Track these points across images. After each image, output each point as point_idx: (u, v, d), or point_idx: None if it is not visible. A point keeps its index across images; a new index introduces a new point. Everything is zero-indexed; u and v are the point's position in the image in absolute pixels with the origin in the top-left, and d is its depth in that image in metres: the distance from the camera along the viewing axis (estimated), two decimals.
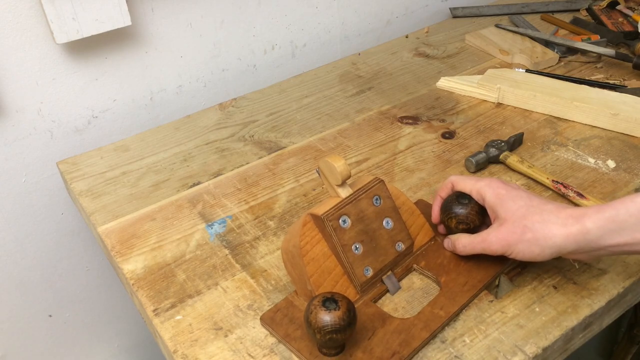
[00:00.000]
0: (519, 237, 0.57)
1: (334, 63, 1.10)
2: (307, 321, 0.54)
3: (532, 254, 0.57)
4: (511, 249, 0.58)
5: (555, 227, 0.56)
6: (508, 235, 0.58)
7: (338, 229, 0.61)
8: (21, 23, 0.82)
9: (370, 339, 0.58)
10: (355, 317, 0.54)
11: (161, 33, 0.95)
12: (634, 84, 0.96)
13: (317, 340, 0.54)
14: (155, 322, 0.63)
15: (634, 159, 0.81)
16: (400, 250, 0.65)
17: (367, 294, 0.63)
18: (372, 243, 0.63)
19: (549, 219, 0.56)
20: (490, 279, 0.63)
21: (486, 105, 0.95)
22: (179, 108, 1.04)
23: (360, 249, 0.62)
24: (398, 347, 0.57)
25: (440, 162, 0.83)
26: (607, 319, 0.65)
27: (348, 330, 0.53)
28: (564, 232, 0.55)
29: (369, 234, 0.63)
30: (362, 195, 0.63)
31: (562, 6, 1.23)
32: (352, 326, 0.53)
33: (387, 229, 0.64)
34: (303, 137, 0.91)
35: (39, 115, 0.90)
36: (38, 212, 0.98)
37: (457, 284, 0.63)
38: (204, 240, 0.73)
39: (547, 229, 0.56)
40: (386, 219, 0.64)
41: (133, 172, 0.86)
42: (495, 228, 0.60)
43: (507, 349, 0.58)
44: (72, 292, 1.10)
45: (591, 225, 0.54)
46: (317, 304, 0.53)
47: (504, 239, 0.58)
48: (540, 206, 0.58)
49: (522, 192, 0.61)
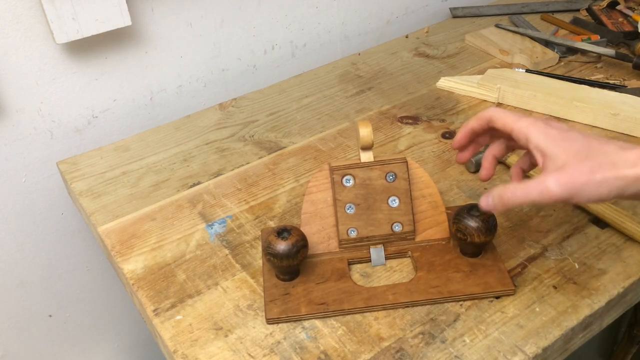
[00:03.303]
0: (587, 178, 0.51)
1: (334, 63, 1.10)
2: (264, 249, 0.62)
3: (599, 196, 0.52)
4: (577, 192, 0.52)
5: (624, 170, 0.50)
6: (574, 176, 0.52)
7: (338, 183, 0.66)
8: (21, 23, 0.82)
9: (317, 284, 0.64)
10: (303, 247, 0.61)
11: (161, 33, 0.95)
12: (634, 84, 0.96)
13: (273, 265, 0.62)
14: (155, 322, 0.63)
15: None
16: (397, 231, 0.66)
17: (348, 252, 0.67)
18: (368, 212, 0.66)
19: (617, 161, 0.51)
20: (462, 296, 0.62)
21: (486, 105, 0.95)
22: (179, 108, 1.04)
23: (353, 211, 0.66)
24: (331, 301, 0.62)
25: (440, 162, 0.83)
26: (607, 319, 0.65)
27: (296, 258, 0.61)
28: (634, 174, 0.50)
29: (367, 202, 0.66)
30: (377, 167, 0.66)
31: (562, 6, 1.24)
32: (299, 254, 0.61)
33: (391, 206, 0.66)
34: (303, 137, 0.91)
35: (39, 115, 0.90)
36: (38, 212, 0.98)
37: (427, 283, 0.63)
38: (204, 240, 0.73)
39: (616, 172, 0.51)
40: (393, 197, 0.66)
41: (133, 172, 0.86)
42: (555, 170, 0.53)
43: (507, 349, 0.58)
44: (72, 292, 1.10)
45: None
46: (272, 232, 0.62)
47: (570, 181, 0.52)
48: (602, 145, 0.53)
49: (574, 132, 0.55)
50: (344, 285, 0.64)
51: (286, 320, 0.62)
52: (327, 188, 0.67)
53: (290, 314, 0.61)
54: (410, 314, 0.62)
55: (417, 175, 0.68)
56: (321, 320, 0.62)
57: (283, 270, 0.64)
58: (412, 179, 0.68)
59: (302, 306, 0.62)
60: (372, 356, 0.58)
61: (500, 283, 0.63)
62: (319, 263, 0.67)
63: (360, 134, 0.64)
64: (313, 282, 0.65)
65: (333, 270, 0.66)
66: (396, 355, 0.58)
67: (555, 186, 0.52)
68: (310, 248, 0.66)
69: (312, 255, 0.67)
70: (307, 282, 0.65)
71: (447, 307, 0.62)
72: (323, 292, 0.63)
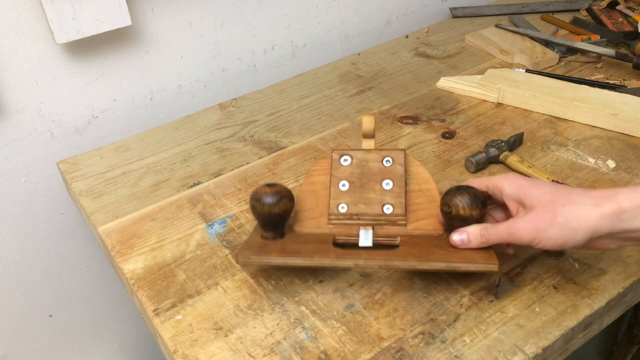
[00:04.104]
0: (549, 221, 0.53)
1: (334, 63, 1.10)
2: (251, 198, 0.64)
3: (563, 239, 0.53)
4: (541, 235, 0.54)
5: (588, 208, 0.52)
6: (537, 220, 0.54)
7: (336, 161, 0.69)
8: (21, 23, 0.82)
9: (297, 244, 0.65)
10: (286, 198, 0.63)
11: (161, 33, 0.95)
12: (634, 84, 0.97)
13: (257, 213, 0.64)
14: (155, 322, 0.63)
15: (634, 159, 0.81)
16: (388, 213, 0.66)
17: (337, 229, 0.67)
18: (361, 190, 0.68)
19: (580, 200, 0.53)
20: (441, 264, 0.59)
21: (486, 105, 0.95)
22: (179, 108, 1.04)
23: (346, 187, 0.68)
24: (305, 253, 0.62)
25: (440, 162, 0.83)
26: (607, 319, 0.65)
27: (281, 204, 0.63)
28: (598, 213, 0.52)
29: (361, 181, 0.68)
30: (375, 151, 0.69)
31: (562, 6, 1.24)
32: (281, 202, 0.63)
33: (384, 188, 0.67)
34: (303, 137, 0.91)
35: (39, 115, 0.90)
36: (38, 212, 0.98)
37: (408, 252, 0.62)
38: (204, 240, 0.73)
39: (579, 211, 0.52)
40: (388, 180, 0.68)
41: (133, 172, 0.86)
42: (522, 215, 0.56)
43: (507, 349, 0.58)
44: (72, 292, 1.10)
45: (627, 205, 0.51)
46: (261, 185, 0.65)
47: (533, 224, 0.55)
48: (567, 189, 0.55)
49: (543, 181, 0.58)
50: (323, 246, 0.64)
51: (256, 262, 0.62)
52: (327, 173, 0.69)
53: (262, 255, 0.62)
54: (410, 313, 0.62)
55: (418, 172, 0.69)
56: (321, 320, 0.62)
57: (265, 220, 0.64)
58: (412, 174, 0.69)
59: (274, 253, 0.62)
60: (372, 356, 0.58)
61: (484, 259, 0.59)
62: (306, 234, 0.67)
63: (363, 122, 0.69)
64: (293, 242, 0.65)
65: (317, 238, 0.66)
66: (396, 355, 0.58)
67: (522, 229, 0.56)
68: (301, 222, 0.68)
69: (301, 231, 0.68)
70: (287, 242, 0.65)
71: (447, 307, 0.62)
72: (299, 248, 0.64)
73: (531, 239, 0.55)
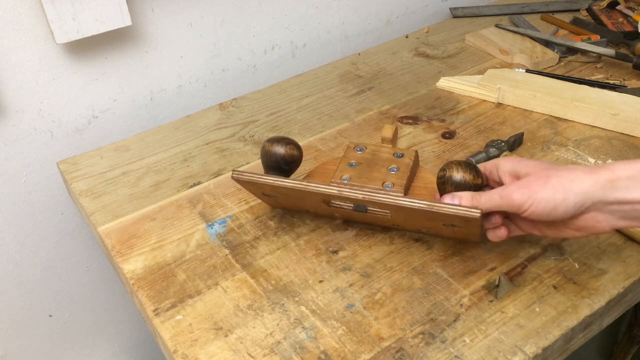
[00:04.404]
0: (542, 184, 0.54)
1: (334, 63, 1.10)
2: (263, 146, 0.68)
3: (555, 202, 0.53)
4: (532, 197, 0.54)
5: (582, 174, 0.53)
6: (530, 182, 0.55)
7: (350, 149, 0.74)
8: (21, 23, 0.82)
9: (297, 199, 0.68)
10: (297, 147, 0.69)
11: (161, 33, 0.95)
12: (634, 84, 0.96)
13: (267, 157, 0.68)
14: (155, 322, 0.63)
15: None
16: (387, 189, 0.68)
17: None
18: (367, 169, 0.71)
19: (575, 168, 0.54)
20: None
21: (486, 105, 0.95)
22: (179, 108, 1.04)
23: (354, 166, 0.72)
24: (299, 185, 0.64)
25: (441, 162, 0.83)
26: (607, 319, 0.65)
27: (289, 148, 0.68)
28: (592, 178, 0.52)
29: (370, 163, 0.72)
30: (388, 147, 0.74)
31: (562, 6, 1.24)
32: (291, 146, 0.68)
33: (390, 172, 0.70)
34: (303, 137, 0.91)
35: (39, 115, 0.90)
36: (38, 212, 0.98)
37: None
38: (204, 240, 0.73)
39: (573, 174, 0.53)
40: (394, 166, 0.71)
41: (133, 172, 0.86)
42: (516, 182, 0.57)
43: (507, 349, 0.58)
44: (72, 292, 1.10)
45: (621, 173, 0.51)
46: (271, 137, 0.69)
47: (526, 186, 0.55)
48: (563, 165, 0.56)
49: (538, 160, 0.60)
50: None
51: (248, 178, 0.65)
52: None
53: (254, 173, 0.65)
54: (410, 313, 0.62)
55: (426, 175, 0.72)
56: (321, 320, 0.62)
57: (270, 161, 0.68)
58: (419, 177, 0.72)
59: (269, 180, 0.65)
60: (372, 356, 0.58)
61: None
62: None
63: (384, 128, 0.76)
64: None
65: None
66: (396, 355, 0.58)
67: (515, 191, 0.55)
68: None
69: None
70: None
71: (447, 307, 0.62)
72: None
73: (523, 201, 0.55)
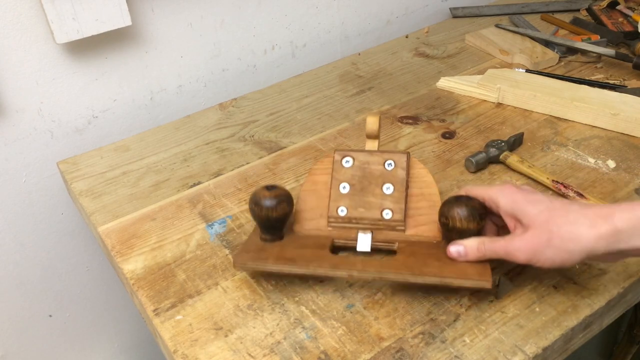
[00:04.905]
0: (545, 243, 0.54)
1: (334, 63, 1.10)
2: (250, 200, 0.64)
3: (561, 260, 0.54)
4: (537, 256, 0.55)
5: (584, 228, 0.52)
6: (534, 241, 0.55)
7: (338, 162, 0.69)
8: (21, 23, 0.82)
9: (295, 248, 0.65)
10: (285, 202, 0.64)
11: (161, 33, 0.95)
12: (634, 84, 0.97)
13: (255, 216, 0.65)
14: (155, 322, 0.63)
15: (634, 159, 0.81)
16: (387, 218, 0.66)
17: (337, 231, 0.67)
18: (361, 193, 0.68)
19: (576, 220, 0.53)
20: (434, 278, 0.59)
21: (486, 105, 0.95)
22: (179, 108, 1.04)
23: (347, 190, 0.68)
24: (299, 260, 0.62)
25: (440, 162, 0.83)
26: (607, 319, 0.65)
27: (280, 208, 0.63)
28: (594, 234, 0.52)
29: (362, 184, 0.68)
30: (377, 153, 0.69)
31: (562, 6, 1.24)
32: (280, 206, 0.63)
33: (384, 193, 0.67)
34: (303, 137, 0.91)
35: (39, 115, 0.90)
36: (38, 212, 0.98)
37: (403, 263, 0.62)
38: (204, 240, 0.73)
39: (575, 232, 0.52)
40: (389, 184, 0.67)
41: (133, 172, 0.86)
42: (519, 235, 0.57)
43: (507, 349, 0.58)
44: (72, 292, 1.10)
45: (622, 225, 0.51)
46: (260, 187, 0.65)
47: (530, 246, 0.55)
48: (563, 207, 0.55)
49: (539, 195, 0.57)
50: (320, 252, 0.64)
51: (252, 268, 0.63)
52: (329, 172, 0.69)
53: (258, 262, 0.63)
54: (410, 313, 0.62)
55: (421, 174, 0.68)
56: (321, 320, 0.62)
57: (264, 223, 0.65)
58: (415, 176, 0.68)
59: (271, 259, 0.63)
60: (372, 356, 0.58)
61: (478, 275, 0.59)
62: (305, 236, 0.68)
63: (367, 122, 0.68)
64: (291, 246, 0.66)
65: (315, 242, 0.66)
66: (396, 355, 0.58)
67: (519, 250, 0.56)
68: (301, 223, 0.68)
69: (301, 232, 0.68)
70: (285, 246, 0.66)
71: (447, 307, 0.62)
72: (296, 254, 0.64)
73: (528, 259, 0.56)
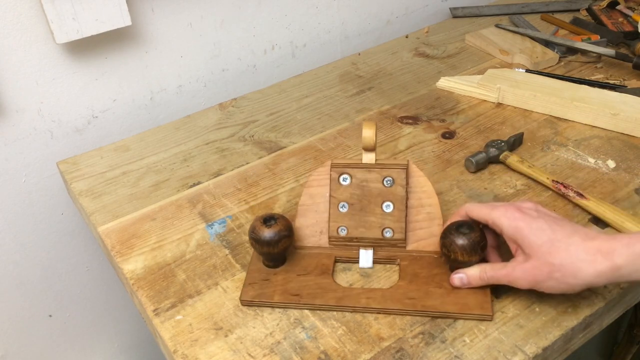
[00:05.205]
0: (547, 275, 0.56)
1: (334, 63, 1.10)
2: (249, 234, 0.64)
3: (562, 290, 0.56)
4: (538, 285, 0.57)
5: (584, 265, 0.54)
6: (535, 272, 0.57)
7: (335, 180, 0.67)
8: (21, 23, 0.82)
9: (298, 275, 0.65)
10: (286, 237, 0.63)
11: (161, 33, 0.95)
12: (634, 84, 0.96)
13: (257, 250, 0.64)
14: (155, 322, 0.63)
15: (634, 159, 0.81)
16: (388, 237, 0.66)
17: (338, 249, 0.67)
18: (361, 213, 0.66)
19: (577, 255, 0.54)
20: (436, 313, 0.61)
21: (486, 105, 0.95)
22: (179, 108, 1.04)
23: (346, 209, 0.67)
24: (305, 294, 0.63)
25: (440, 162, 0.83)
26: (607, 319, 0.65)
27: (281, 244, 0.63)
28: (594, 271, 0.54)
29: (362, 203, 0.67)
30: (376, 169, 0.67)
31: (562, 6, 1.24)
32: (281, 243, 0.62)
33: (384, 211, 0.66)
34: (303, 137, 0.91)
35: (39, 115, 0.90)
36: (38, 212, 0.98)
37: (405, 293, 0.63)
38: (204, 240, 0.73)
39: (575, 268, 0.54)
40: (388, 202, 0.66)
41: (133, 172, 0.86)
42: (521, 263, 0.58)
43: (507, 349, 0.58)
44: (72, 292, 1.10)
45: (622, 262, 0.53)
46: (259, 218, 0.63)
47: (531, 276, 0.57)
48: (565, 240, 0.56)
49: (541, 222, 0.58)
50: (323, 282, 0.64)
51: (258, 305, 0.63)
52: (327, 184, 0.68)
53: (263, 300, 0.63)
54: (410, 313, 0.62)
55: (420, 183, 0.67)
56: (321, 320, 0.62)
57: (265, 256, 0.66)
58: (414, 186, 0.67)
59: (276, 294, 0.63)
60: (372, 356, 0.58)
61: (479, 306, 0.60)
62: (307, 256, 0.67)
63: (363, 135, 0.65)
64: (295, 272, 0.66)
65: (318, 265, 0.66)
66: (396, 355, 0.58)
67: (521, 278, 0.58)
68: (302, 239, 0.68)
69: (302, 247, 0.68)
70: (289, 272, 0.66)
71: None
72: (300, 285, 0.64)
73: (529, 287, 0.58)
